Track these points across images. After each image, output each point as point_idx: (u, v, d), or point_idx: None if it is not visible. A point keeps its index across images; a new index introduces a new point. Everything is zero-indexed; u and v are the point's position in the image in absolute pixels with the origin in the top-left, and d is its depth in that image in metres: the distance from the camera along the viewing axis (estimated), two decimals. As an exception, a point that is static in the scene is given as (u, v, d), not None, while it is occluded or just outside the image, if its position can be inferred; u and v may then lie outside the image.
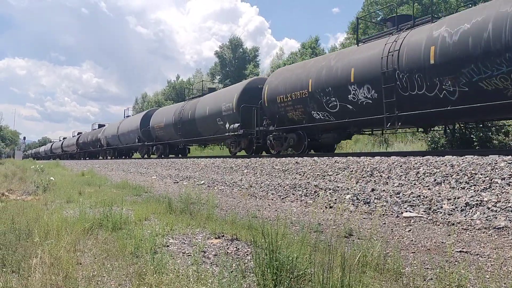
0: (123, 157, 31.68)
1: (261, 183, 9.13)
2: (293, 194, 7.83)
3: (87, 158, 40.55)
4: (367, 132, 12.92)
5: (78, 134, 46.24)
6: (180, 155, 24.70)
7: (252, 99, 15.04)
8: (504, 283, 2.89)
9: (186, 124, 20.36)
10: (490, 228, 4.52)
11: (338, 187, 7.28)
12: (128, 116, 33.55)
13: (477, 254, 3.71)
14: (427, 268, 3.31)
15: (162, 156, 23.96)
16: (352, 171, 7.89)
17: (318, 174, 8.50)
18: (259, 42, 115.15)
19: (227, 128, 16.25)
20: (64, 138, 55.57)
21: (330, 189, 7.30)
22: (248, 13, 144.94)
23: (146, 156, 26.96)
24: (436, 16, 10.05)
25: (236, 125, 15.60)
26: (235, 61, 58.71)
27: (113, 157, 32.24)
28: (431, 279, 3.03)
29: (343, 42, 38.90)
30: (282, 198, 7.81)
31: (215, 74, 61.25)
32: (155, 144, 25.09)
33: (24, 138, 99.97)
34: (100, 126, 41.40)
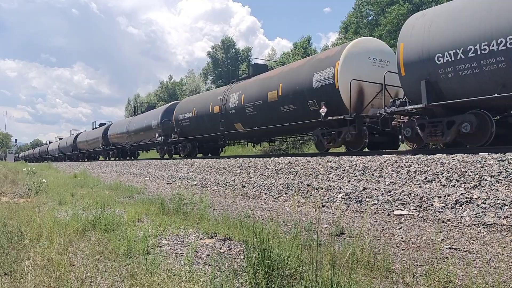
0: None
1: (254, 183, 9.16)
2: (286, 193, 7.86)
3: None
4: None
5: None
6: (132, 158, 30.69)
7: (172, 117, 21.11)
8: (492, 279, 2.94)
9: (132, 133, 27.03)
10: (479, 224, 4.58)
11: (330, 186, 7.32)
12: (95, 127, 38.36)
13: (466, 251, 3.77)
14: (417, 265, 3.36)
15: (117, 158, 30.80)
16: (344, 170, 7.94)
17: (310, 174, 8.55)
18: (251, 42, 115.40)
19: (156, 137, 22.58)
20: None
21: (322, 188, 7.35)
22: (240, 13, 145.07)
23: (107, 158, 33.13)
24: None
25: (160, 135, 22.19)
26: (228, 61, 58.70)
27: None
28: (421, 275, 3.07)
29: (335, 42, 38.99)
30: (275, 198, 7.84)
31: (208, 74, 61.20)
32: (111, 149, 31.62)
33: (16, 140, 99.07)
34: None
